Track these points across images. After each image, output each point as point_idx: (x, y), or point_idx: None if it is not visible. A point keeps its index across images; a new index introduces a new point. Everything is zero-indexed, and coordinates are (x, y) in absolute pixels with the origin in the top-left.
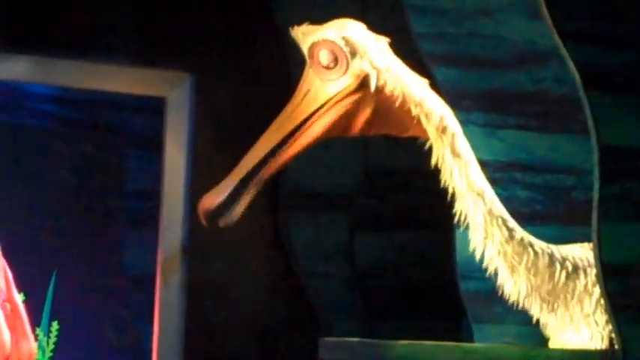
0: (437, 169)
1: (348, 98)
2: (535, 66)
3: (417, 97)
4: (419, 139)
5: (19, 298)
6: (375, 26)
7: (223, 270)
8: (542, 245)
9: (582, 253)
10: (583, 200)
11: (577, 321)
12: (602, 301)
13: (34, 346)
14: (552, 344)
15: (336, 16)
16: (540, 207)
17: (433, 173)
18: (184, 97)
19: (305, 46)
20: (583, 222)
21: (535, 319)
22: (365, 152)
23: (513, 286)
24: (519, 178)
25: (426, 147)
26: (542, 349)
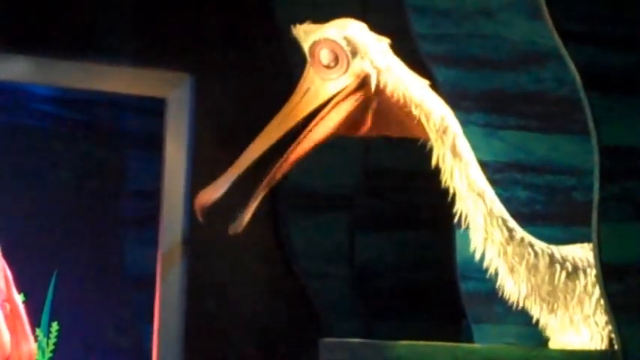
0: (437, 169)
1: (349, 98)
2: (535, 66)
3: (417, 98)
4: (419, 140)
5: (19, 298)
6: (375, 26)
7: (223, 270)
8: (542, 246)
9: (582, 254)
10: (583, 200)
11: (577, 321)
12: (602, 302)
13: (34, 347)
14: (552, 345)
15: (337, 16)
16: (540, 207)
17: (433, 174)
18: (184, 97)
19: (306, 45)
20: (583, 222)
21: (535, 320)
22: (365, 153)
23: (513, 286)
24: (519, 179)
25: (426, 148)
26: (542, 350)
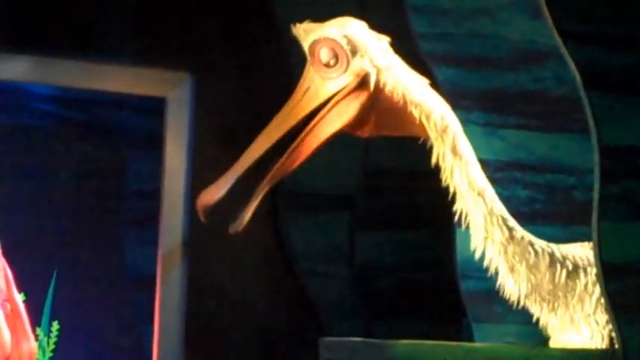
0: (437, 168)
1: (349, 97)
2: (535, 66)
3: (417, 97)
4: (419, 139)
5: (20, 297)
6: (375, 26)
7: (224, 270)
8: (542, 244)
9: (583, 253)
10: (583, 200)
11: (577, 320)
12: (602, 301)
13: (34, 346)
14: (553, 344)
15: (337, 16)
16: (540, 206)
17: (433, 173)
18: (185, 96)
19: (306, 44)
20: (583, 221)
21: (535, 319)
22: (365, 152)
23: (514, 285)
24: (520, 178)
25: (426, 147)
26: (542, 349)
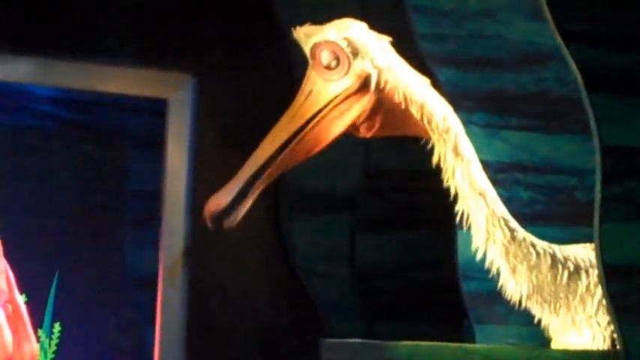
0: (438, 169)
1: (351, 98)
2: (537, 66)
3: (419, 97)
4: (420, 140)
5: (21, 299)
6: (376, 27)
7: (225, 271)
8: (544, 245)
9: (584, 254)
10: (585, 200)
11: (579, 322)
12: (603, 302)
13: (35, 348)
14: (554, 345)
15: (337, 17)
16: (542, 207)
17: (434, 174)
18: (186, 98)
19: (307, 47)
20: (585, 222)
21: (537, 320)
22: (366, 153)
23: (515, 286)
24: (521, 179)
25: (428, 147)
26: (544, 350)
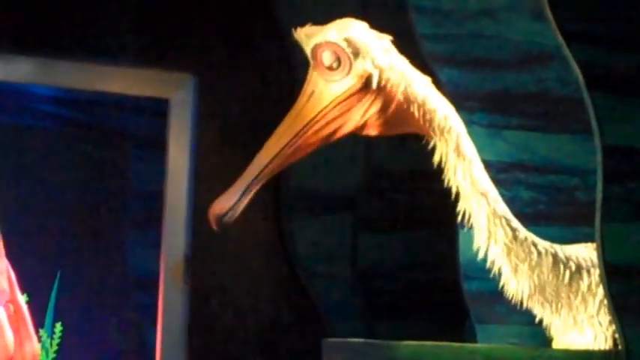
0: (440, 169)
1: (353, 98)
2: (538, 66)
3: (420, 97)
4: (421, 140)
5: (23, 299)
6: (377, 27)
7: (226, 271)
8: (545, 245)
9: (586, 253)
10: (586, 200)
11: (581, 321)
12: (605, 302)
13: (37, 347)
14: (556, 344)
15: (340, 16)
16: (544, 207)
17: (436, 173)
18: (187, 98)
19: (308, 48)
20: (586, 222)
21: (538, 320)
22: (367, 152)
23: (517, 286)
24: (523, 179)
25: (428, 147)
26: (545, 350)
